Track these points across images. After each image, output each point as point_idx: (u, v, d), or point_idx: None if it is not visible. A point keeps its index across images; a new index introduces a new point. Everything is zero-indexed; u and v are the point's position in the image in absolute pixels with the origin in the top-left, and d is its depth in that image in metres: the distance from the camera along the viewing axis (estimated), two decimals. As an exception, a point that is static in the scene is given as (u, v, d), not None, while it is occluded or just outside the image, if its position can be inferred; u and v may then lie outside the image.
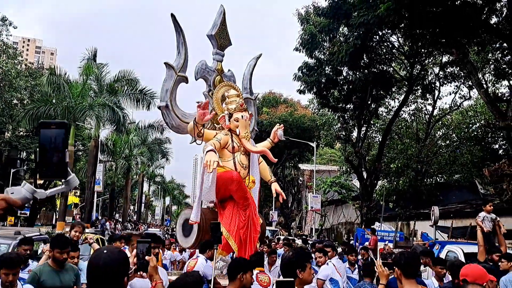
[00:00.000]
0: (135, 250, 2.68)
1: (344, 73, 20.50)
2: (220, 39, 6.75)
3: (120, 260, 2.25)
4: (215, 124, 6.34)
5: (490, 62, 19.54)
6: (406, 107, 24.93)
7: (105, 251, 2.27)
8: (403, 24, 15.60)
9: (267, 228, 34.20)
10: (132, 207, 64.85)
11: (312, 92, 21.23)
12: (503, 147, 20.71)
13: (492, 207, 7.40)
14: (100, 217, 36.37)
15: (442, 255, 9.82)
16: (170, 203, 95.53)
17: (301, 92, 21.04)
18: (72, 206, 46.09)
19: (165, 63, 6.09)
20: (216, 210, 6.08)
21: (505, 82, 19.31)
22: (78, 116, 26.03)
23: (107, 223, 31.82)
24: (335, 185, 29.43)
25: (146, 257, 2.62)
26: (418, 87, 22.54)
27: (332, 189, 29.51)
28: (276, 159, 6.81)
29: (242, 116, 5.92)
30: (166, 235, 27.19)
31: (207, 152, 5.24)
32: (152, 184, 71.81)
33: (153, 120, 38.04)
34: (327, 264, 6.69)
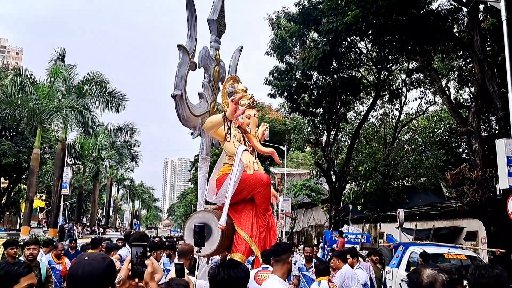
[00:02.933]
0: (129, 256, 2.46)
1: (314, 78, 20.79)
2: (220, 25, 6.21)
3: (102, 268, 2.02)
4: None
5: (454, 70, 20.25)
6: (374, 112, 25.54)
7: (86, 258, 2.06)
8: (370, 31, 16.00)
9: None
10: (100, 211, 63.60)
11: (283, 96, 21.44)
12: (465, 151, 21.44)
13: None
14: (67, 221, 35.52)
15: (406, 256, 10.14)
16: (139, 207, 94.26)
17: (272, 96, 21.21)
18: (38, 211, 44.82)
19: (178, 45, 5.39)
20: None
21: (468, 89, 20.04)
22: (44, 118, 25.45)
23: (74, 228, 31.14)
24: (305, 188, 29.74)
25: (146, 261, 2.40)
26: (386, 93, 23.12)
27: (302, 192, 29.82)
28: (281, 161, 6.57)
29: (254, 114, 5.56)
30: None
31: (243, 151, 4.83)
32: (121, 188, 70.66)
33: (122, 122, 37.63)
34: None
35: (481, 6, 13.93)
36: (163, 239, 17.26)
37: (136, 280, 2.28)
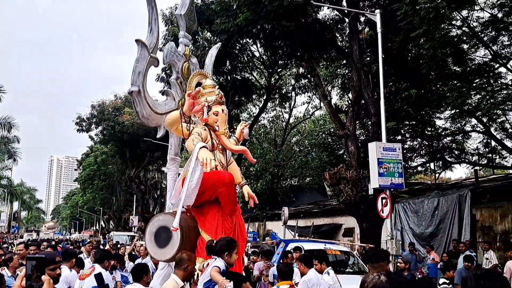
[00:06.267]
0: (23, 271, 2.20)
1: (208, 78, 20.79)
2: (189, 20, 5.99)
3: None
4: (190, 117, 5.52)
5: (338, 77, 21.65)
6: (266, 114, 26.36)
7: None
8: (262, 35, 16.45)
9: (127, 234, 32.99)
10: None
11: (163, 94, 21.11)
12: (345, 153, 23.06)
13: None
14: None
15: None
16: (19, 209, 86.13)
17: (164, 93, 20.75)
18: None
19: (136, 40, 5.17)
20: (189, 215, 5.23)
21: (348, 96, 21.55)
22: None
23: None
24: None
25: (43, 277, 2.15)
26: (276, 96, 23.95)
27: (194, 192, 29.62)
28: (255, 160, 6.04)
29: (222, 110, 5.24)
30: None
31: (200, 148, 4.53)
32: (-3, 188, 63.90)
33: (-1, 116, 33.93)
34: None
35: (362, 19, 15.09)
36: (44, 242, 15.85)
37: None
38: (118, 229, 41.93)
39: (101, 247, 13.62)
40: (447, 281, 6.97)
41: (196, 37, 18.72)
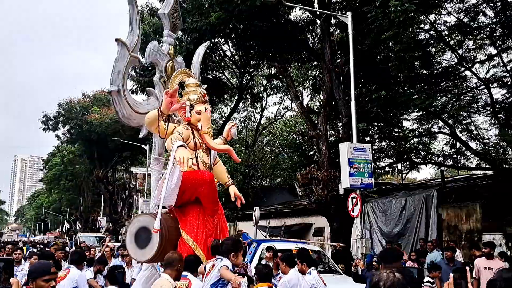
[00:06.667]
0: None
1: (179, 77, 20.56)
2: (173, 19, 5.92)
3: None
4: (173, 116, 5.42)
5: (309, 78, 21.83)
6: (237, 114, 26.30)
7: None
8: (234, 35, 16.38)
9: (95, 235, 32.26)
10: None
11: (145, 93, 20.78)
12: (316, 154, 23.29)
13: None
14: None
15: (258, 253, 10.53)
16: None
17: (133, 92, 20.39)
18: None
19: (116, 39, 5.11)
20: (171, 216, 5.13)
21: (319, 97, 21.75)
22: None
23: None
24: (167, 189, 29.24)
25: (11, 280, 2.10)
26: (248, 96, 23.94)
27: (164, 192, 29.28)
28: (240, 159, 5.98)
29: (205, 109, 5.16)
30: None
31: (178, 147, 4.45)
32: (-44, 189, 61.49)
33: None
34: None
35: (333, 21, 15.26)
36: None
37: None
38: (86, 230, 41.00)
39: (67, 249, 13.24)
40: (432, 280, 7.20)
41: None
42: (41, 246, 19.71)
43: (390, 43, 12.39)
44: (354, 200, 11.26)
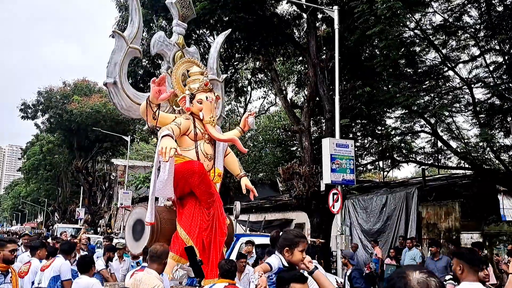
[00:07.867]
0: None
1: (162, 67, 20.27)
2: (182, 8, 5.80)
3: None
4: (174, 107, 5.27)
5: (294, 73, 21.73)
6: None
7: None
8: (219, 26, 16.14)
9: (72, 226, 31.73)
10: None
11: (149, 84, 20.42)
12: (298, 149, 23.26)
13: None
14: None
15: (237, 247, 10.42)
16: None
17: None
18: None
19: (113, 31, 5.08)
20: (174, 209, 5.01)
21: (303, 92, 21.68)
22: None
23: None
24: (148, 181, 28.95)
25: None
26: (232, 90, 23.72)
27: (144, 185, 28.96)
28: (247, 149, 5.81)
29: (206, 98, 4.97)
30: None
31: (162, 137, 4.30)
32: None
33: None
34: None
35: (320, 16, 15.17)
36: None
37: None
38: (63, 221, 40.37)
39: (44, 240, 13.00)
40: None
41: (151, 24, 18.14)
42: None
43: (376, 40, 12.35)
44: (335, 196, 11.21)
